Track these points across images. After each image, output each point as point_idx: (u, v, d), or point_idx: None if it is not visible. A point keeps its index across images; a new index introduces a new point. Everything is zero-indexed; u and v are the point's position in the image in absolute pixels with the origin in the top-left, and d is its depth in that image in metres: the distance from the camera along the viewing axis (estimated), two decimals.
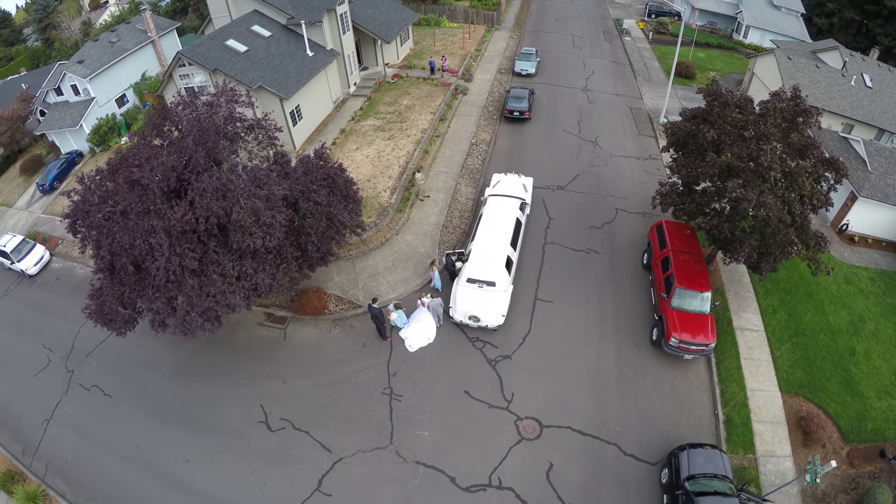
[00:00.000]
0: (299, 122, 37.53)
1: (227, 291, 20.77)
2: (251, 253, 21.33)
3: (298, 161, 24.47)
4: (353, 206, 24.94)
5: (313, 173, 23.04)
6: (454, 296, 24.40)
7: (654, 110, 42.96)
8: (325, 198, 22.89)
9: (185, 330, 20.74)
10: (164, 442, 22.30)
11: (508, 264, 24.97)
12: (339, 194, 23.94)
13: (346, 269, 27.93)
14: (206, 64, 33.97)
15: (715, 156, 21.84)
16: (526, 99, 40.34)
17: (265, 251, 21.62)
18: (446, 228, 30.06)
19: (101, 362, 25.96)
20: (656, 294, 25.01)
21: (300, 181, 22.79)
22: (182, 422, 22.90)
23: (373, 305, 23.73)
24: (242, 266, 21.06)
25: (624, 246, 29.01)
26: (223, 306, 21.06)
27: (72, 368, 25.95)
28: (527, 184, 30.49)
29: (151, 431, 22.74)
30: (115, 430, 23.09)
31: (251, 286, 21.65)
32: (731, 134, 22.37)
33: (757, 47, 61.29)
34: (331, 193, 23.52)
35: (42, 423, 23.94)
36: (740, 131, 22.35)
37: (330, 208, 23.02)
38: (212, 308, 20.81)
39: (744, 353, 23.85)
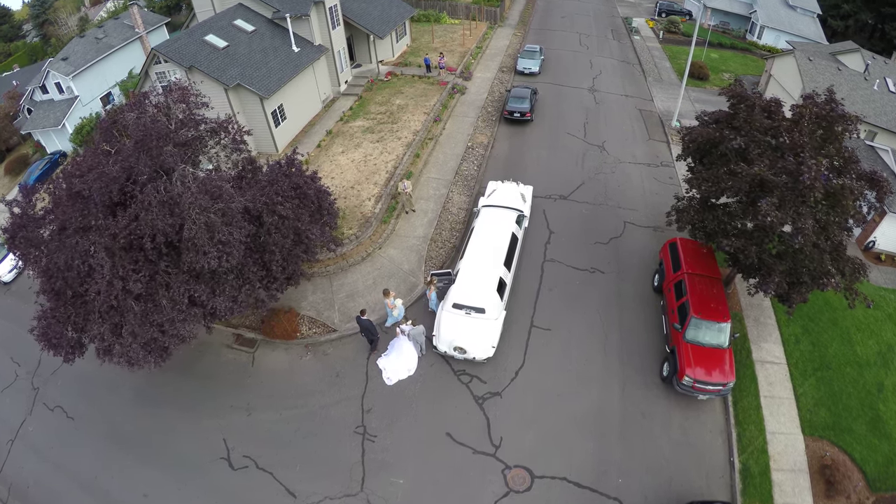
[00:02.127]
0: (282, 122, 34.92)
1: (176, 320, 18.41)
2: (210, 274, 18.89)
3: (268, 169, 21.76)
4: (328, 220, 22.24)
5: (279, 183, 20.25)
6: (438, 323, 21.63)
7: (665, 113, 40.15)
8: (292, 211, 20.17)
9: (129, 361, 18.61)
10: (124, 472, 20.35)
11: (501, 287, 22.13)
12: (309, 207, 21.22)
13: (322, 287, 25.18)
14: (181, 61, 31.53)
15: (746, 166, 18.77)
16: (528, 99, 37.51)
17: (225, 271, 19.07)
18: (435, 242, 27.25)
19: (65, 381, 23.92)
20: (668, 323, 22.15)
21: (264, 192, 20.05)
22: (142, 452, 20.85)
23: (361, 318, 21.46)
24: (195, 290, 18.56)
25: (632, 265, 26.10)
26: (172, 337, 18.73)
27: (38, 386, 24.09)
28: (525, 193, 27.67)
29: (112, 460, 20.80)
30: (76, 456, 21.28)
31: (208, 311, 19.24)
32: (760, 143, 19.38)
33: (772, 48, 59.17)
34: (300, 206, 20.81)
35: (7, 443, 22.17)
36: (771, 140, 19.37)
37: (298, 223, 20.27)
38: (157, 339, 18.57)
39: (764, 390, 21.24)
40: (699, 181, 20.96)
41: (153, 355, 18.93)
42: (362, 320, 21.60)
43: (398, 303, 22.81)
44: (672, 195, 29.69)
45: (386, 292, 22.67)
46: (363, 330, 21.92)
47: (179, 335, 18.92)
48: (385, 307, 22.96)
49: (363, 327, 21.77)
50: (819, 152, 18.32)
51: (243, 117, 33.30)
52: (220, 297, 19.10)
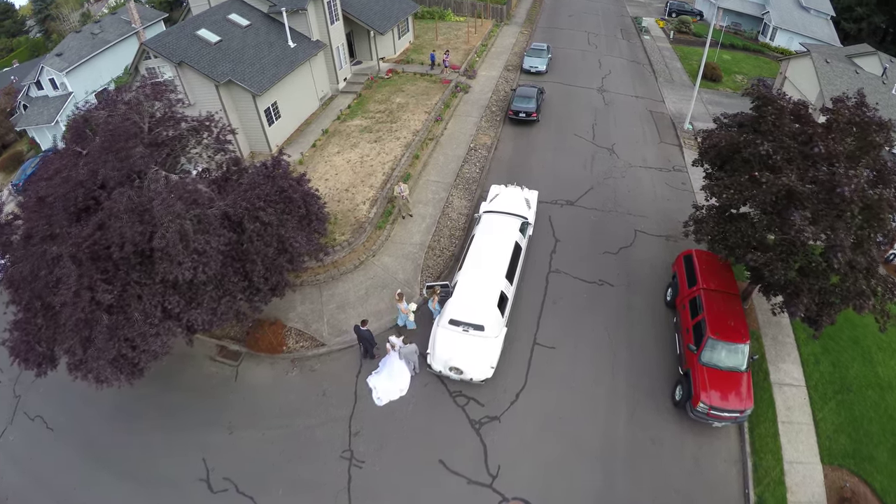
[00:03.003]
0: (276, 121, 33.37)
1: (148, 334, 16.95)
2: (187, 284, 17.46)
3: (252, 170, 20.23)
4: (317, 226, 20.61)
5: (261, 187, 18.66)
6: (433, 340, 19.99)
7: (677, 115, 38.50)
8: (275, 217, 18.58)
9: (97, 378, 17.22)
10: (100, 490, 19.04)
11: (502, 302, 20.50)
12: (296, 212, 19.62)
13: (311, 297, 23.59)
14: (170, 56, 30.06)
15: (771, 176, 17.02)
16: (534, 98, 35.80)
17: (203, 282, 17.63)
18: (432, 250, 25.58)
19: (47, 390, 22.41)
20: (682, 342, 20.52)
21: (246, 196, 18.48)
22: (120, 469, 19.52)
23: (361, 328, 20.10)
24: (169, 301, 17.13)
25: (643, 277, 24.41)
26: (143, 353, 17.23)
27: (20, 394, 22.79)
28: (530, 198, 26.02)
29: (89, 477, 19.50)
30: (54, 469, 20.03)
31: (185, 325, 17.85)
32: (789, 149, 17.65)
33: (785, 50, 58.08)
34: (285, 211, 19.22)
35: None
36: (802, 147, 17.65)
37: (282, 229, 18.68)
38: (126, 355, 17.11)
39: (782, 416, 19.78)
40: (720, 189, 19.20)
41: (123, 373, 17.50)
42: (362, 331, 20.16)
43: (412, 307, 21.35)
44: (685, 202, 28.45)
45: (400, 296, 21.26)
46: (361, 340, 20.52)
47: (151, 351, 17.39)
48: (398, 311, 21.57)
49: (362, 338, 20.35)
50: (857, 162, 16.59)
51: (236, 115, 31.91)
52: (197, 310, 17.72)
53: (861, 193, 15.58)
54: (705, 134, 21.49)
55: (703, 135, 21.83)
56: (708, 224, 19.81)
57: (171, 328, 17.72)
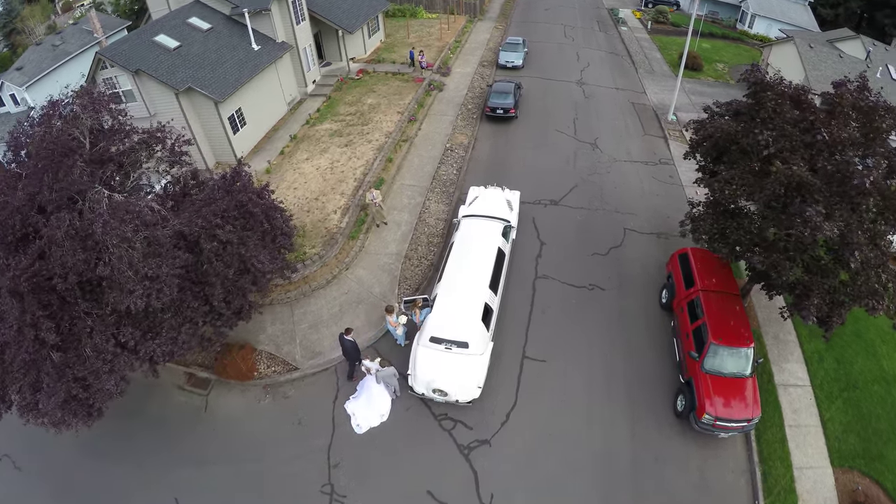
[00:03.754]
0: (242, 128, 31.60)
1: (101, 371, 15.25)
2: (144, 313, 15.86)
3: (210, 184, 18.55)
4: (282, 241, 18.93)
5: (217, 202, 16.95)
6: (413, 360, 18.31)
7: (660, 106, 37.46)
8: (234, 234, 16.88)
9: (52, 422, 15.64)
10: None
11: (487, 315, 18.87)
12: (258, 228, 17.94)
13: (282, 317, 21.87)
14: (126, 65, 28.23)
15: (781, 167, 15.53)
16: (511, 94, 34.33)
17: (160, 309, 15.99)
18: (410, 260, 23.89)
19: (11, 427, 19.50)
20: (682, 349, 19.17)
21: (201, 213, 16.78)
22: None
23: (345, 337, 18.48)
24: (122, 334, 15.48)
25: (636, 278, 23.00)
26: (97, 392, 15.55)
27: None
28: (512, 199, 24.49)
29: None
30: None
31: (145, 356, 16.14)
32: (791, 137, 16.24)
33: (764, 37, 58.15)
34: (245, 227, 17.54)
35: None
36: (803, 135, 16.27)
37: (242, 248, 16.97)
38: (78, 397, 15.39)
39: (788, 419, 18.66)
40: (721, 183, 17.70)
41: (77, 416, 15.79)
42: (346, 340, 18.58)
43: (402, 320, 19.57)
44: (675, 196, 27.20)
45: (389, 309, 19.48)
46: (345, 351, 18.95)
47: (105, 390, 15.64)
48: (387, 325, 19.80)
49: (345, 349, 18.82)
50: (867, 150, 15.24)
51: (198, 124, 30.20)
52: (155, 340, 16.04)
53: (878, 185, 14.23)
54: (696, 124, 20.12)
55: (693, 125, 20.45)
56: (706, 222, 18.38)
57: (127, 362, 16.08)
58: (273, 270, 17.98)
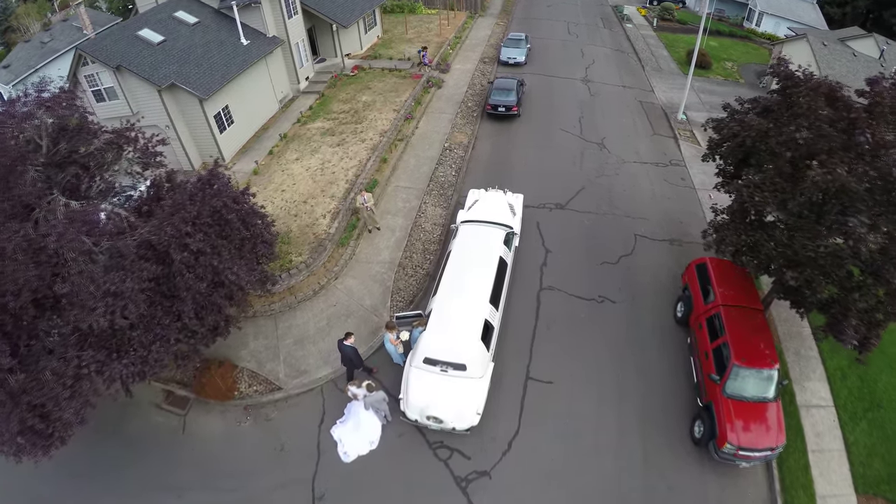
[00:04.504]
0: (229, 127, 29.95)
1: (61, 398, 13.63)
2: (111, 331, 14.21)
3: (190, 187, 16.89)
4: (262, 250, 17.23)
5: (187, 208, 15.25)
6: (405, 383, 16.52)
7: (669, 105, 35.82)
8: (207, 243, 15.22)
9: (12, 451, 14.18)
10: None
11: (487, 333, 17.07)
12: (235, 236, 16.25)
13: (265, 331, 20.17)
14: (107, 60, 26.73)
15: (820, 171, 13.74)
16: (514, 91, 32.60)
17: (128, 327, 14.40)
18: (404, 269, 22.12)
19: None
20: (699, 369, 17.54)
21: (171, 220, 15.12)
22: None
23: (345, 343, 16.88)
24: (83, 358, 13.82)
25: (648, 290, 21.27)
26: (56, 422, 13.91)
27: None
28: (515, 203, 22.74)
29: None
30: None
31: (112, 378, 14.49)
32: (830, 138, 14.48)
33: (772, 36, 56.79)
34: (221, 235, 15.86)
35: None
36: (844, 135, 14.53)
37: (215, 259, 15.28)
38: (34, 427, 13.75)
39: (812, 443, 17.13)
40: (750, 189, 15.86)
41: (37, 447, 14.16)
42: (346, 347, 16.97)
43: (404, 337, 17.82)
44: (687, 200, 25.88)
45: (390, 325, 17.69)
46: (345, 359, 17.36)
47: (64, 420, 14.00)
48: (385, 341, 17.84)
49: (345, 356, 17.22)
50: None
51: (183, 123, 28.65)
52: (123, 361, 14.39)
53: None
54: (716, 123, 18.41)
55: (712, 124, 18.75)
56: (733, 233, 16.57)
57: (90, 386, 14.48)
58: (251, 283, 16.23)
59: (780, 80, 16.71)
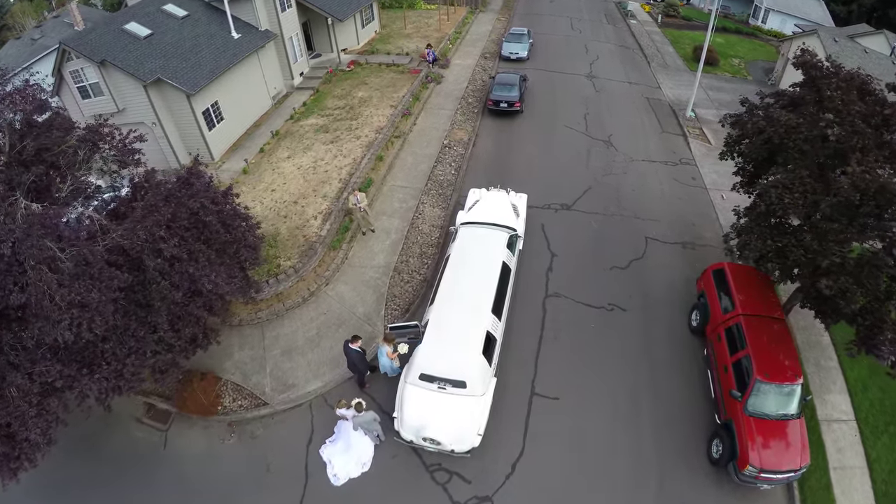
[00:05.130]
0: (218, 124, 28.64)
1: (27, 416, 12.47)
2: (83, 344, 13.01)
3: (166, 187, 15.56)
4: (245, 255, 15.91)
5: (161, 211, 13.93)
6: (400, 401, 15.14)
7: (676, 101, 34.52)
8: (184, 249, 13.91)
9: None
10: None
11: (489, 346, 15.65)
12: (216, 240, 14.95)
13: (251, 340, 18.84)
14: (91, 55, 25.51)
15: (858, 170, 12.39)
16: (516, 86, 31.24)
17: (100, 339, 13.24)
18: (399, 274, 20.72)
19: None
20: (717, 383, 16.28)
21: (144, 224, 13.80)
22: None
23: (351, 346, 15.58)
24: (48, 373, 12.62)
25: (661, 297, 19.92)
26: (22, 443, 12.73)
27: None
28: (518, 204, 21.40)
29: None
30: None
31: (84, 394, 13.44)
32: (864, 135, 13.11)
33: (778, 33, 55.65)
34: (199, 240, 14.55)
35: None
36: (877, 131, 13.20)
37: (192, 266, 13.96)
38: None
39: (833, 461, 16.00)
40: (779, 189, 14.46)
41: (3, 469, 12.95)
42: (352, 350, 15.71)
43: (403, 349, 16.23)
44: (699, 201, 24.68)
45: (388, 337, 16.08)
46: (351, 363, 16.17)
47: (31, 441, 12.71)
48: (381, 354, 16.37)
49: (351, 360, 16.01)
50: None
51: (171, 120, 27.44)
52: (94, 376, 13.23)
53: None
54: (735, 118, 17.09)
55: (731, 120, 17.43)
56: (759, 238, 15.18)
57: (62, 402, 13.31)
58: (231, 291, 14.89)
59: (805, 72, 15.36)
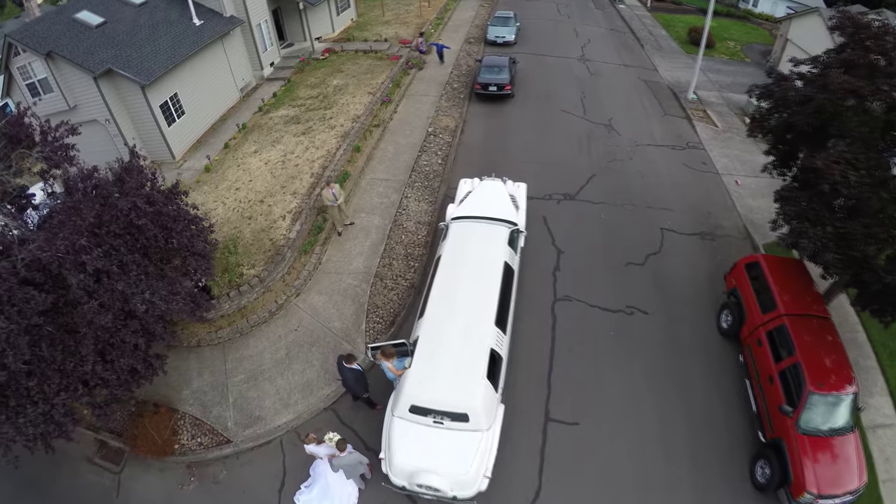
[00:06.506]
0: (179, 119, 25.76)
1: None
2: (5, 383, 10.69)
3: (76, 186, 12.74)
4: (194, 266, 13.15)
5: (82, 214, 11.16)
6: (387, 439, 12.25)
7: (675, 84, 32.32)
8: (114, 260, 11.17)
9: None
10: None
11: (494, 366, 12.79)
12: (155, 249, 12.18)
13: (211, 364, 16.05)
14: (37, 47, 22.78)
15: None
16: (506, 69, 28.64)
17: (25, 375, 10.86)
18: (382, 281, 17.89)
19: None
20: (762, 397, 13.77)
21: (64, 232, 11.06)
22: None
23: (347, 366, 12.82)
24: None
25: (684, 294, 17.39)
26: None
27: None
28: (517, 194, 18.63)
29: None
30: None
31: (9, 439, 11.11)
32: None
33: (769, 17, 53.52)
34: (134, 250, 11.79)
35: None
36: None
37: (122, 281, 11.20)
38: None
39: (881, 471, 13.83)
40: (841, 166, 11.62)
41: None
42: (348, 370, 12.97)
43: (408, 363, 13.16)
44: (712, 187, 22.56)
45: (387, 352, 12.99)
46: (346, 384, 13.38)
47: None
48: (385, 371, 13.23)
49: (346, 381, 13.25)
50: None
51: (127, 117, 24.60)
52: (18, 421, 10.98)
53: None
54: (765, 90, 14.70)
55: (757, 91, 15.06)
56: (812, 224, 12.54)
57: None
58: (173, 311, 12.08)
59: (848, 33, 12.93)
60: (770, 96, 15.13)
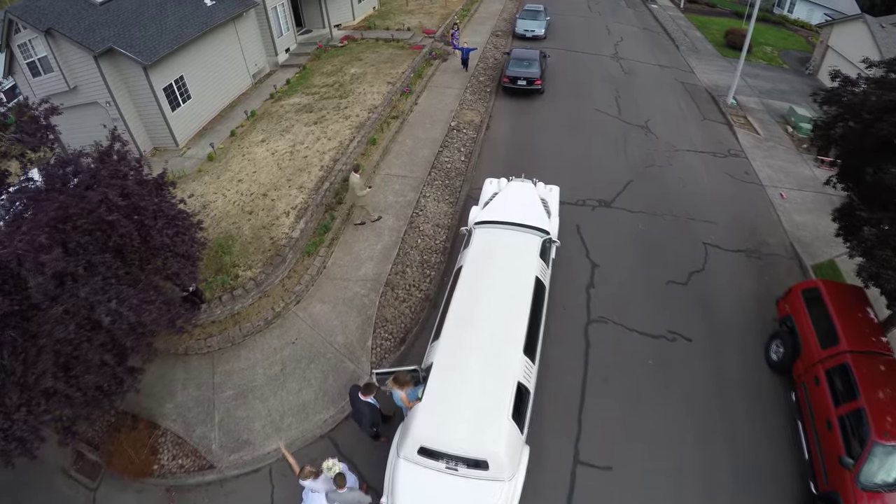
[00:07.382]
0: (184, 104, 24.30)
1: None
2: None
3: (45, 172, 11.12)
4: (177, 268, 11.43)
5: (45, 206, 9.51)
6: (390, 483, 10.31)
7: (713, 87, 30.44)
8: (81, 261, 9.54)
9: None
10: None
11: (520, 404, 10.78)
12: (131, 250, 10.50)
13: (198, 375, 14.37)
14: (36, 24, 21.58)
15: None
16: (537, 62, 26.82)
17: None
18: (394, 291, 15.99)
19: None
20: (817, 443, 11.95)
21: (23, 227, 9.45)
22: None
23: (363, 399, 10.90)
24: None
25: (729, 319, 15.43)
26: None
27: None
28: (549, 198, 16.66)
29: None
30: None
31: None
32: None
33: (805, 23, 53.70)
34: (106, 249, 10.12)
35: None
36: None
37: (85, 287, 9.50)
38: None
39: None
40: None
41: None
42: (363, 403, 11.02)
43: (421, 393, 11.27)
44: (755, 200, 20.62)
45: (401, 380, 10.99)
46: (357, 415, 11.33)
47: None
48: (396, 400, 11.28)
49: (357, 411, 11.24)
50: None
51: (129, 100, 23.25)
52: None
53: None
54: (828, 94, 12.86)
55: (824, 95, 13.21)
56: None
57: None
58: (146, 322, 10.31)
59: None
60: (836, 101, 13.25)
